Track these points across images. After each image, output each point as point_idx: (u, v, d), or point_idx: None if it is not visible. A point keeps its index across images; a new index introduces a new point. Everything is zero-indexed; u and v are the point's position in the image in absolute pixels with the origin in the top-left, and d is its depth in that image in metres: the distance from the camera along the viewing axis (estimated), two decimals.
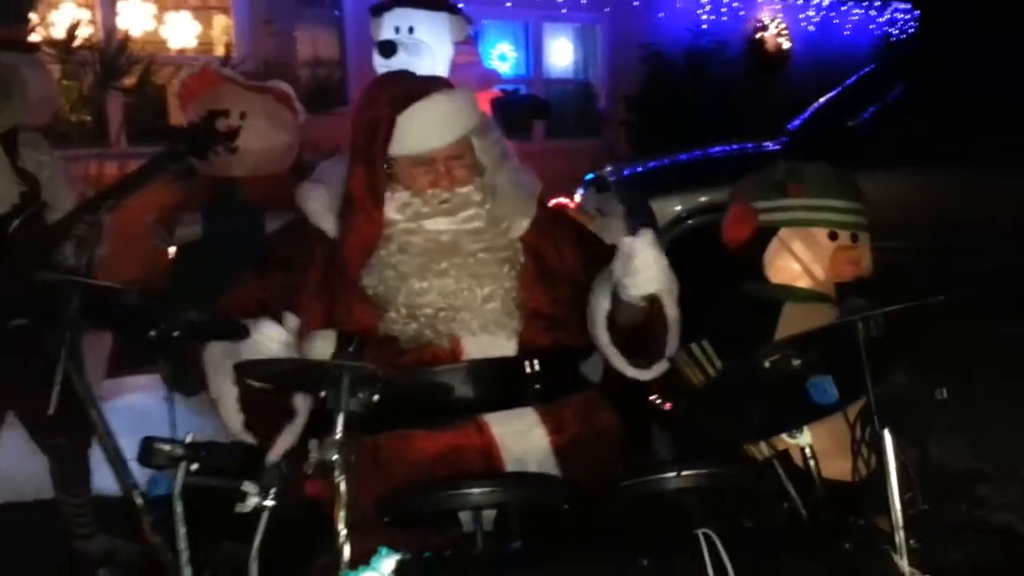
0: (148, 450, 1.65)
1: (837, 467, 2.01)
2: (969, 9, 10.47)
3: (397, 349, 2.07)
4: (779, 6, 12.33)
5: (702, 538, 1.47)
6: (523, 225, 2.22)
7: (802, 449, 1.90)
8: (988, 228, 5.56)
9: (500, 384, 2.08)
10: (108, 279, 2.07)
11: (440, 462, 1.96)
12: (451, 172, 2.15)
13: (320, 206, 2.22)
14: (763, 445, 2.11)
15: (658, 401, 2.47)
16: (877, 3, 13.40)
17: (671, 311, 2.07)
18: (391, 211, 2.15)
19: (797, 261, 2.38)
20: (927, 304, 1.65)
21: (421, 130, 2.13)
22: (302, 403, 2.08)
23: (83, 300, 1.65)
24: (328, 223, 2.21)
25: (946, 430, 4.45)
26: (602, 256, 2.34)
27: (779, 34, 12.28)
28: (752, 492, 1.81)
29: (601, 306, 2.10)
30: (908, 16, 13.88)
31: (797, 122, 6.72)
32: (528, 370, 2.10)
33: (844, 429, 1.95)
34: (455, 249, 2.11)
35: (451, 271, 2.09)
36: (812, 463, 1.90)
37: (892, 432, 1.65)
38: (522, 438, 2.03)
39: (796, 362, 1.68)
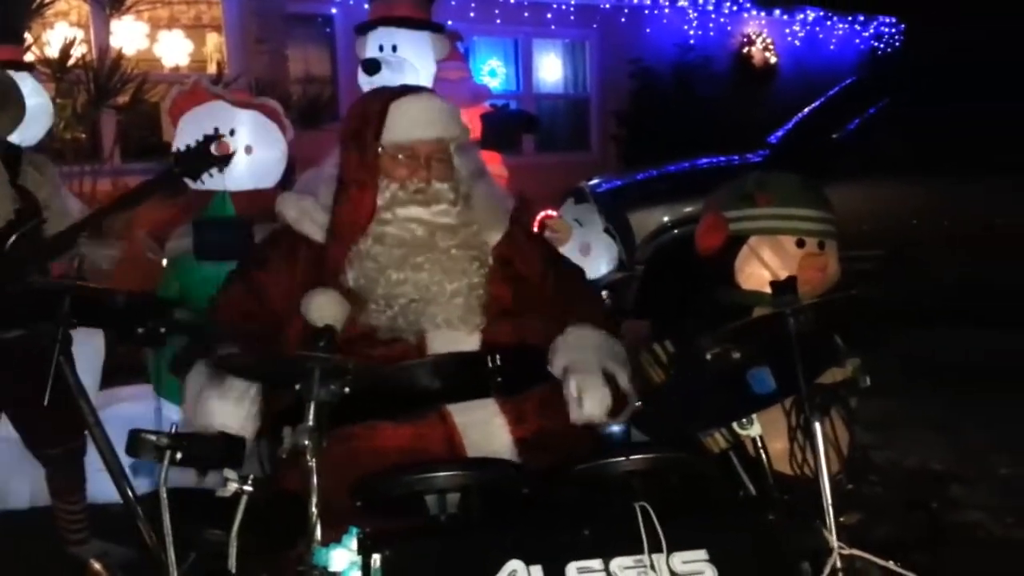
0: (135, 441, 1.76)
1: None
2: (953, 22, 10.61)
3: (370, 343, 2.18)
4: (765, 21, 12.48)
5: (638, 510, 1.59)
6: (494, 235, 2.36)
7: (753, 440, 2.04)
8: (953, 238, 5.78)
9: (463, 377, 2.19)
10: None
11: (405, 452, 2.05)
12: (429, 166, 2.28)
13: (298, 213, 2.37)
14: (719, 437, 2.23)
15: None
16: (862, 17, 13.55)
17: (625, 386, 2.21)
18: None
19: (766, 268, 2.44)
20: (847, 299, 1.77)
21: (410, 119, 2.29)
22: None
23: (75, 301, 1.77)
24: (309, 227, 2.35)
25: (925, 432, 4.58)
26: (570, 280, 2.51)
27: (765, 49, 12.43)
28: (698, 476, 1.93)
29: (558, 365, 2.24)
30: (893, 30, 14.03)
31: (778, 134, 6.87)
32: (491, 364, 2.21)
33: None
34: (430, 244, 2.24)
35: (426, 265, 2.22)
36: (763, 453, 2.04)
37: (822, 420, 1.78)
38: (483, 428, 2.13)
39: (736, 355, 1.80)
